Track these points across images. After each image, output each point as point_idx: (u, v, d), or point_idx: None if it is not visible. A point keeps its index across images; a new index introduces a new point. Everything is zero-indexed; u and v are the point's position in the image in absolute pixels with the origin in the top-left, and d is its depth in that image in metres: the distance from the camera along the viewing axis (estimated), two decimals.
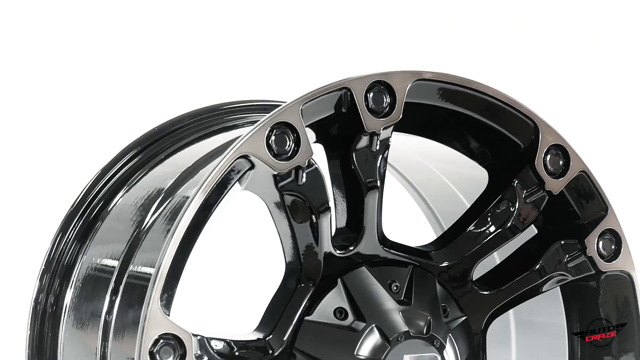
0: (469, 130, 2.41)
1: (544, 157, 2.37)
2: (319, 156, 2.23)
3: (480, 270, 2.48)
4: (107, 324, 2.31)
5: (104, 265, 2.45)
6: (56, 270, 2.55)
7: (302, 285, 2.23)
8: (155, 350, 1.98)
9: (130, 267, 2.32)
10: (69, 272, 2.55)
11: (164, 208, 2.38)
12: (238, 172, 2.09)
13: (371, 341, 2.22)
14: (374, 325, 2.22)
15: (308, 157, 2.13)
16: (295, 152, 2.12)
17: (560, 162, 2.39)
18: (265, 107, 2.73)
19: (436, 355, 2.25)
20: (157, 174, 2.59)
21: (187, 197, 2.09)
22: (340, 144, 2.24)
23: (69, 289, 2.53)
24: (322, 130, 2.24)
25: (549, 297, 2.55)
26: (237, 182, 2.11)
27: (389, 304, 2.26)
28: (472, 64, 3.08)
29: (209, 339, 2.09)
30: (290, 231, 2.21)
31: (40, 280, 2.55)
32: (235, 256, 2.80)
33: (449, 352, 2.28)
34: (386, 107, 2.21)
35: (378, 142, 2.22)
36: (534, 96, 3.15)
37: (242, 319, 2.42)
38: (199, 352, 2.06)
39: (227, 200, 2.20)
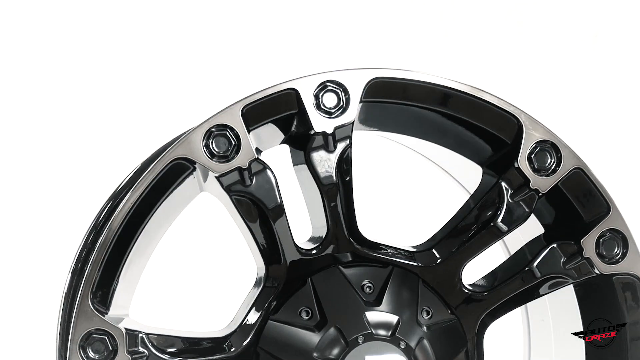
0: (454, 129, 2.32)
1: (529, 154, 2.26)
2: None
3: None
4: None
5: None
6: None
7: (269, 284, 2.25)
8: (86, 345, 2.09)
9: None
10: None
11: None
12: (179, 174, 2.15)
13: (330, 342, 2.21)
14: (334, 326, 2.21)
15: (249, 159, 2.15)
16: (235, 153, 2.15)
17: (551, 159, 2.26)
18: None
19: (401, 357, 2.21)
20: None
21: None
22: (299, 144, 2.25)
23: None
24: (285, 130, 2.25)
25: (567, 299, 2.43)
26: (185, 183, 2.18)
27: (355, 305, 2.24)
28: (472, 64, 2.97)
29: (150, 335, 2.17)
30: (249, 232, 2.23)
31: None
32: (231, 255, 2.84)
33: (421, 355, 2.24)
34: (339, 107, 2.19)
35: (334, 143, 2.21)
36: (534, 96, 3.00)
37: None
38: (137, 348, 2.14)
39: (186, 201, 2.28)
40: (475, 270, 2.40)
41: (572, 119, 2.99)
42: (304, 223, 2.32)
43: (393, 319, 2.24)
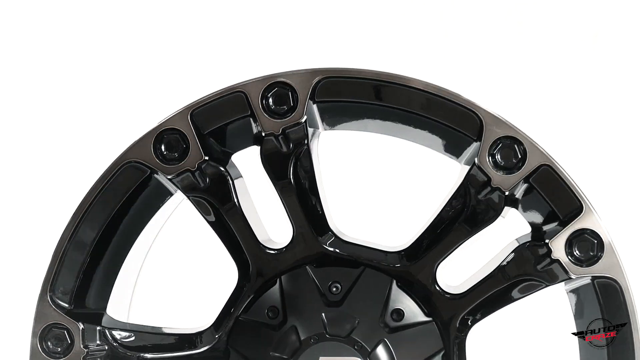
0: (425, 127, 2.25)
1: (490, 151, 2.16)
2: None
3: None
4: None
5: None
6: None
7: (240, 283, 2.30)
8: (46, 337, 2.24)
9: None
10: None
11: None
12: (138, 176, 2.24)
13: (286, 341, 2.23)
14: (292, 325, 2.23)
15: (198, 161, 2.20)
16: (184, 156, 2.21)
17: (515, 156, 2.15)
18: None
19: (357, 358, 2.19)
20: None
21: None
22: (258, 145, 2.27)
23: None
24: (251, 132, 2.28)
25: None
26: (153, 185, 2.27)
27: (316, 304, 2.24)
28: (472, 64, 2.81)
29: (112, 330, 2.27)
30: (214, 231, 2.29)
31: None
32: None
33: (379, 357, 2.20)
34: (288, 108, 2.19)
35: (287, 143, 2.21)
36: (533, 96, 2.80)
37: None
38: (96, 342, 2.26)
39: (159, 202, 2.35)
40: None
41: (572, 118, 2.82)
42: None
43: (351, 320, 2.22)
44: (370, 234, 2.36)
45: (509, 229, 2.31)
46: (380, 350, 2.21)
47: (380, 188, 2.85)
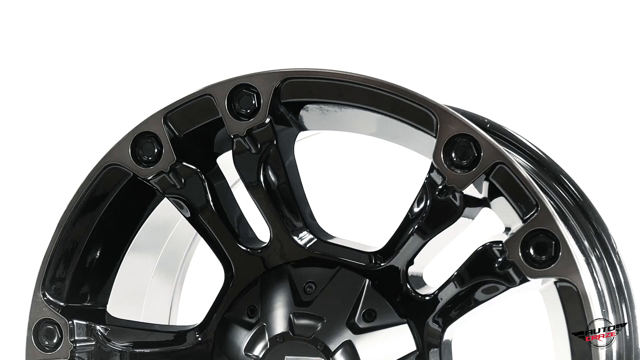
0: (393, 125, 2.21)
1: (445, 149, 2.09)
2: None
3: None
4: None
5: None
6: None
7: (226, 281, 2.36)
8: (39, 332, 2.38)
9: None
10: None
11: None
12: (121, 178, 2.35)
13: (256, 339, 2.27)
14: (262, 324, 2.26)
15: (170, 163, 2.28)
16: (158, 158, 2.29)
17: (470, 155, 2.08)
18: None
19: (320, 358, 2.19)
20: None
21: None
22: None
23: None
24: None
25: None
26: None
27: (286, 304, 2.26)
28: (472, 64, 2.67)
29: (100, 327, 2.38)
30: (195, 229, 2.35)
31: None
32: None
33: (343, 358, 2.19)
34: (251, 109, 2.22)
35: (253, 144, 2.24)
36: (534, 97, 2.64)
37: None
38: (83, 337, 2.37)
39: (152, 203, 2.44)
40: None
41: (571, 118, 2.67)
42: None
43: (316, 320, 2.22)
44: (359, 235, 2.36)
45: (487, 228, 2.26)
46: (344, 351, 2.20)
47: (366, 187, 2.84)
